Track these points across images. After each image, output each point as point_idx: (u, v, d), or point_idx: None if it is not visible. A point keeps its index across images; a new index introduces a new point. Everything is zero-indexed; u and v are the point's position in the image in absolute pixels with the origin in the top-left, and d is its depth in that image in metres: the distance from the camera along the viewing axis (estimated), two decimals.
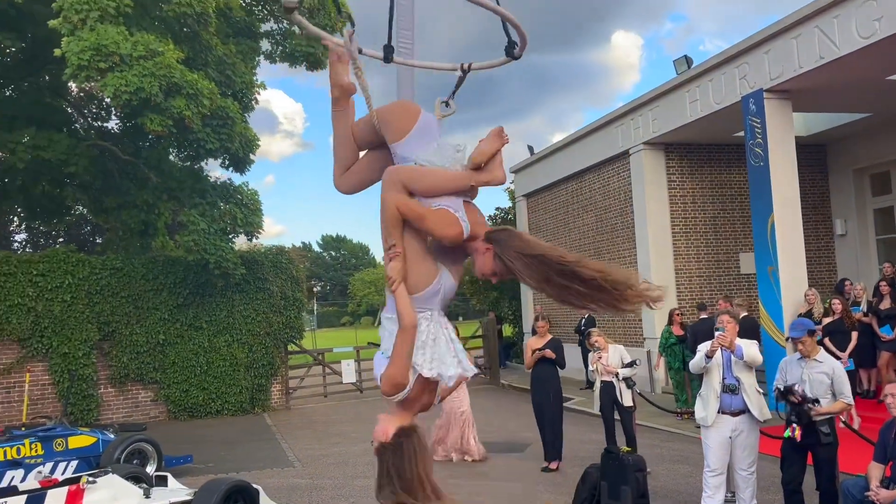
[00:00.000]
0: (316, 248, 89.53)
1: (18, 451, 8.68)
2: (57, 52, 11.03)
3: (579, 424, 12.07)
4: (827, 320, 11.13)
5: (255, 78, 15.16)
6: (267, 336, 16.68)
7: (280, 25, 16.66)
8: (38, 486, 6.51)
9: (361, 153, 3.06)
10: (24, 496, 6.09)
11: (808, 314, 11.60)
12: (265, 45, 16.87)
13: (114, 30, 10.78)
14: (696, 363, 6.72)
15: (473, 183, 2.76)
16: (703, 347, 6.65)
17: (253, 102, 15.20)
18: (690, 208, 16.17)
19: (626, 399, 8.77)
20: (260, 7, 16.45)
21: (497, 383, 19.01)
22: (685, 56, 14.67)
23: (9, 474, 8.38)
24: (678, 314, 13.15)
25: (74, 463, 9.06)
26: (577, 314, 18.11)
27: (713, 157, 16.29)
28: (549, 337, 9.57)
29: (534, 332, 10.38)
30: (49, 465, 8.81)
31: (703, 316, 12.59)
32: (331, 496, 8.60)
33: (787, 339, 7.26)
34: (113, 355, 15.36)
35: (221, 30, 14.83)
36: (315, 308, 58.30)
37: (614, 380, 8.80)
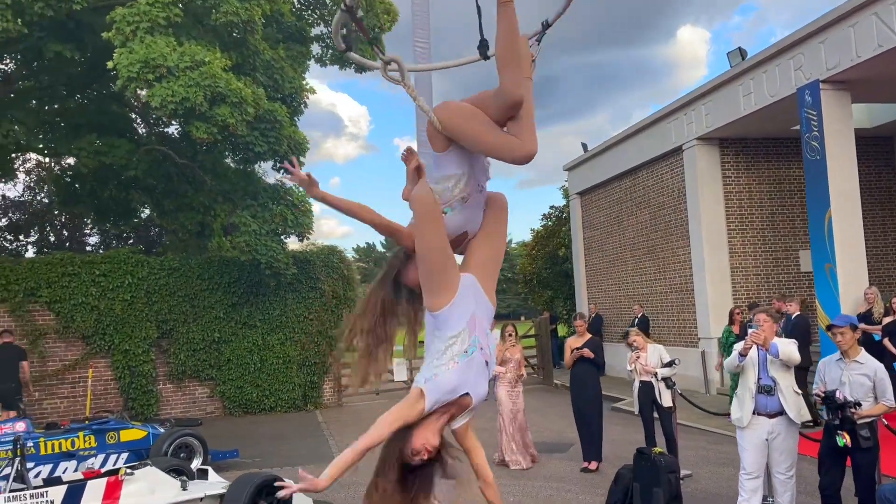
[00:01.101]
0: (380, 247, 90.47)
1: (73, 443, 9.05)
2: (109, 64, 11.51)
3: (626, 425, 11.87)
4: (887, 320, 10.63)
5: (304, 82, 15.41)
6: (319, 334, 16.94)
7: (329, 29, 16.91)
8: (81, 476, 6.80)
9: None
10: (66, 486, 6.35)
11: (868, 313, 11.11)
12: (315, 48, 17.15)
13: (162, 41, 11.17)
14: (730, 362, 6.54)
15: None
16: (739, 346, 6.46)
17: (302, 106, 15.47)
18: (746, 204, 15.68)
19: (666, 399, 8.57)
20: (310, 12, 16.74)
21: (549, 383, 18.86)
22: (739, 48, 14.24)
23: (62, 465, 8.77)
24: (738, 313, 12.72)
25: (125, 455, 9.36)
26: (631, 314, 17.82)
27: (770, 151, 15.77)
28: (588, 336, 9.43)
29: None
30: (101, 458, 9.16)
31: None
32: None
33: (826, 328, 6.99)
34: (171, 352, 15.87)
35: (271, 35, 15.15)
36: None
37: (653, 380, 8.62)
